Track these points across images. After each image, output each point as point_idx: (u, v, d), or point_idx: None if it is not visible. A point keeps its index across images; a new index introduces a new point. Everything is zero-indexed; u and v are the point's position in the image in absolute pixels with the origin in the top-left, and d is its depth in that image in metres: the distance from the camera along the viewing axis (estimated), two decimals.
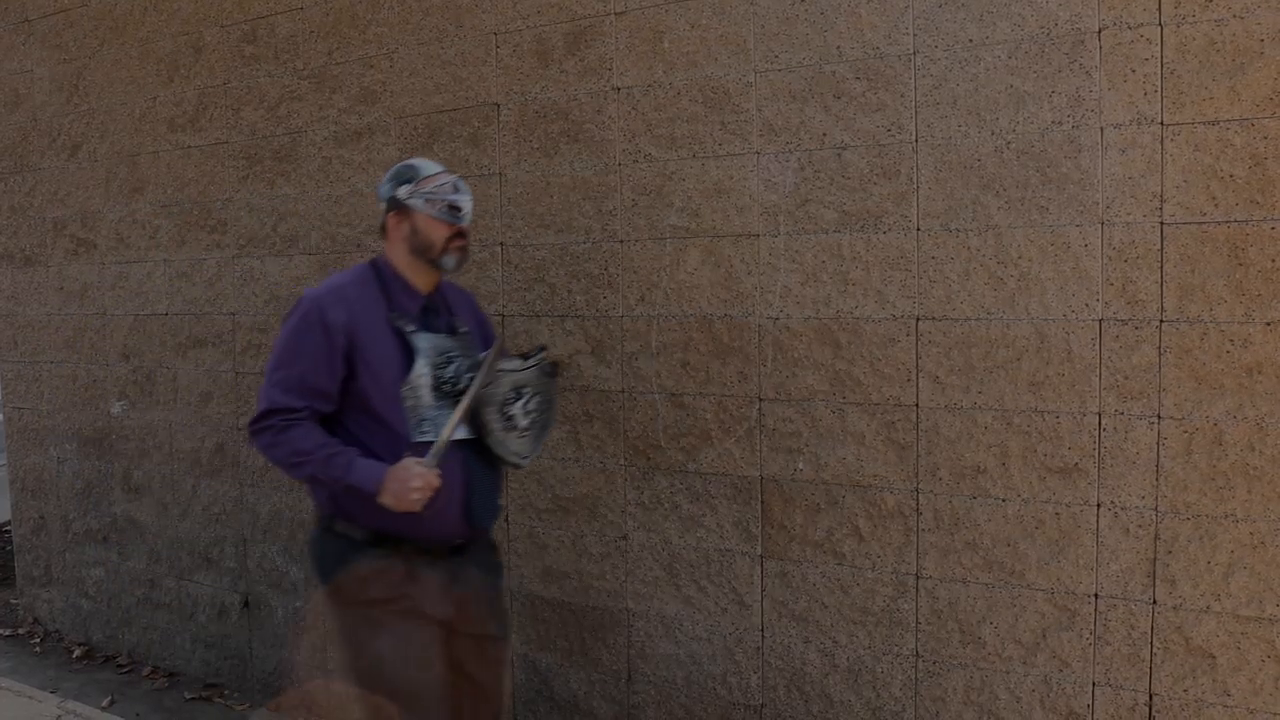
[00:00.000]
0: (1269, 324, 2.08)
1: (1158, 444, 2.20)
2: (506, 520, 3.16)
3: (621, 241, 2.89)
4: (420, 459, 2.17)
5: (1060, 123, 2.27)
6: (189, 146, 3.90)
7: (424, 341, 2.30)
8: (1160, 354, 2.19)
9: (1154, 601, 2.23)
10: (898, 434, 2.50)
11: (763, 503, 2.70)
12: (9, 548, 5.62)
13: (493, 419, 2.32)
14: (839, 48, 2.53)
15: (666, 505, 2.86)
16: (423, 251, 2.33)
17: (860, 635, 2.58)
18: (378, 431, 2.25)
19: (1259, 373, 2.10)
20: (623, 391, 2.91)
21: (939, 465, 2.45)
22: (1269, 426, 2.09)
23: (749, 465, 2.71)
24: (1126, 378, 2.23)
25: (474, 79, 3.14)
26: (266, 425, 2.24)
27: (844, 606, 2.60)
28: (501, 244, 3.12)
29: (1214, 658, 2.17)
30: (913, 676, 2.52)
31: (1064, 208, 2.28)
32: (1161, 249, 2.18)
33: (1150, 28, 2.17)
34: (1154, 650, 2.23)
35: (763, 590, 2.72)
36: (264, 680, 3.86)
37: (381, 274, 2.37)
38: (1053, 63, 2.27)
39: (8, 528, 5.95)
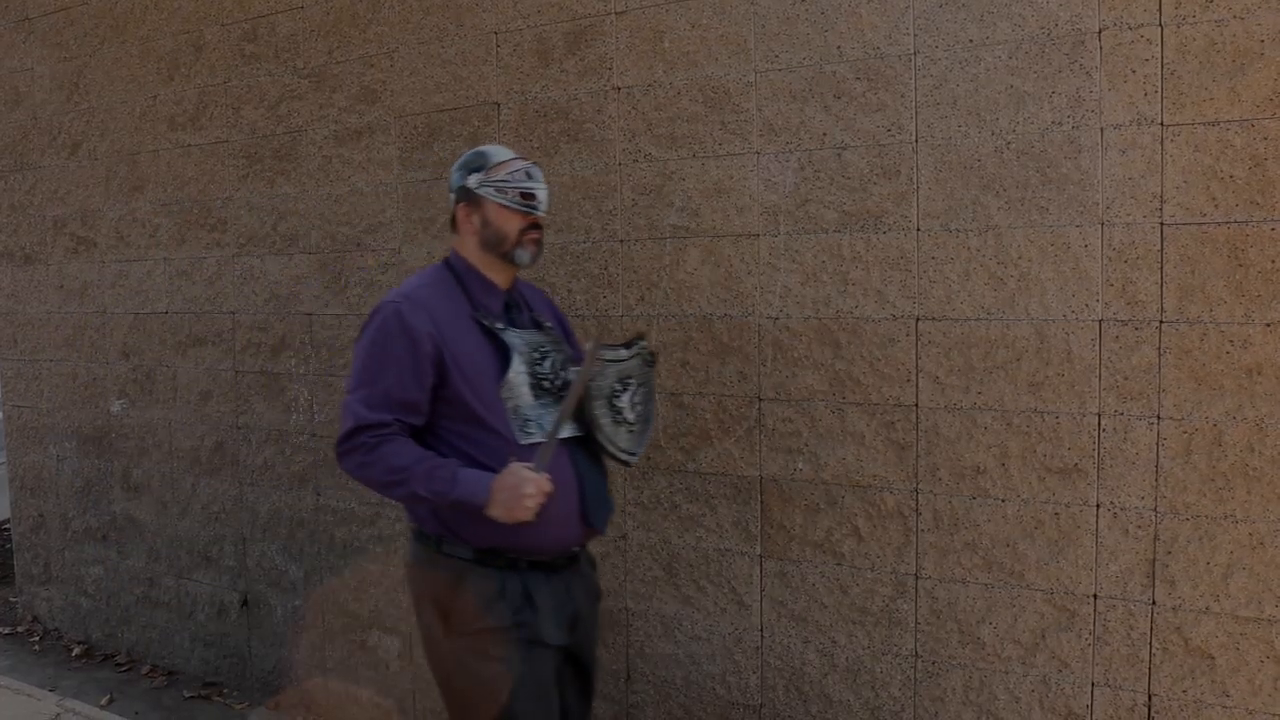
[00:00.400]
0: (1269, 325, 2.08)
1: (1157, 445, 2.20)
2: None
3: (621, 241, 2.89)
4: (527, 464, 2.01)
5: (1060, 123, 2.27)
6: (189, 145, 3.90)
7: (515, 338, 2.16)
8: (1160, 355, 2.19)
9: (1153, 602, 2.23)
10: (897, 434, 2.50)
11: (762, 503, 2.70)
12: (8, 546, 5.62)
13: (601, 413, 2.17)
14: (839, 48, 2.53)
15: (665, 505, 2.86)
16: (495, 245, 2.19)
17: (859, 635, 2.58)
18: (481, 438, 2.09)
19: (1259, 374, 2.10)
20: None
21: (938, 465, 2.45)
22: (1269, 427, 2.09)
23: (748, 465, 2.71)
24: (1126, 378, 2.23)
25: (474, 78, 3.14)
26: (356, 444, 2.06)
27: (843, 606, 2.60)
28: None
29: (1213, 658, 2.17)
30: (912, 676, 2.52)
31: (1064, 208, 2.28)
32: (1161, 250, 2.18)
33: (1150, 28, 2.17)
34: (1153, 651, 2.23)
35: (762, 590, 2.72)
36: (263, 679, 3.86)
37: (457, 272, 2.21)
38: (1053, 63, 2.27)
39: (7, 526, 5.96)
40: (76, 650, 4.40)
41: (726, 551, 2.77)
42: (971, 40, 2.36)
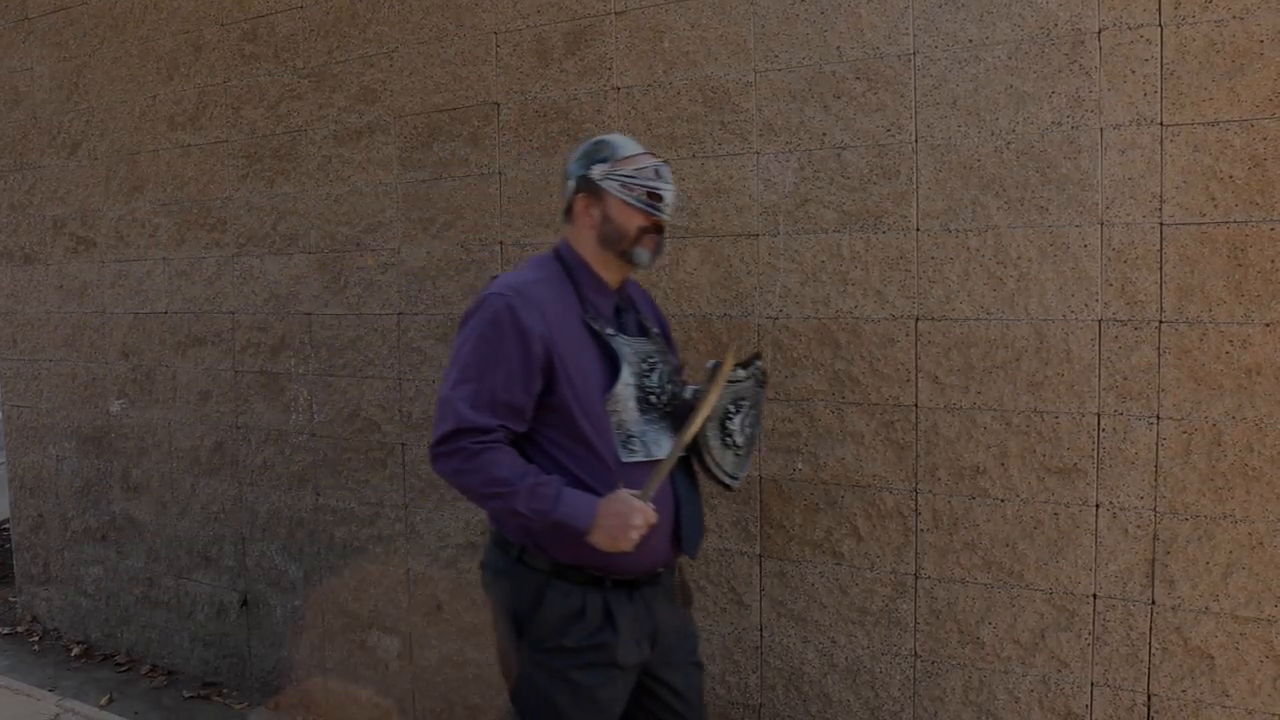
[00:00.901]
0: (1268, 325, 2.08)
1: (1157, 445, 2.20)
2: None
3: None
4: (634, 491, 1.91)
5: (1060, 123, 2.27)
6: (189, 145, 3.90)
7: (625, 346, 2.03)
8: (1159, 355, 2.19)
9: (1152, 602, 2.23)
10: (897, 434, 2.50)
11: (761, 502, 2.70)
12: (8, 546, 5.62)
13: (711, 434, 2.08)
14: (839, 48, 2.53)
15: None
16: (613, 242, 2.05)
17: (859, 635, 2.58)
18: (582, 453, 1.98)
19: (1258, 374, 2.10)
20: None
21: (938, 465, 2.45)
22: (1268, 427, 2.09)
23: None
24: (1126, 378, 2.23)
25: (474, 78, 3.14)
26: (456, 448, 1.93)
27: (842, 606, 2.60)
28: (501, 243, 3.12)
29: (1212, 658, 2.17)
30: (911, 676, 2.52)
31: (1064, 208, 2.28)
32: (1161, 250, 2.18)
33: (1150, 28, 2.17)
34: (1152, 651, 2.23)
35: (761, 590, 2.72)
36: (262, 679, 3.86)
37: (568, 265, 2.08)
38: (1053, 63, 2.27)
39: (6, 526, 5.95)
40: (76, 650, 4.39)
41: (726, 551, 2.77)
42: (971, 40, 2.36)
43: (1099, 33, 2.22)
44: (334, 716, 3.61)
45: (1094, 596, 2.29)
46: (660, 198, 2.05)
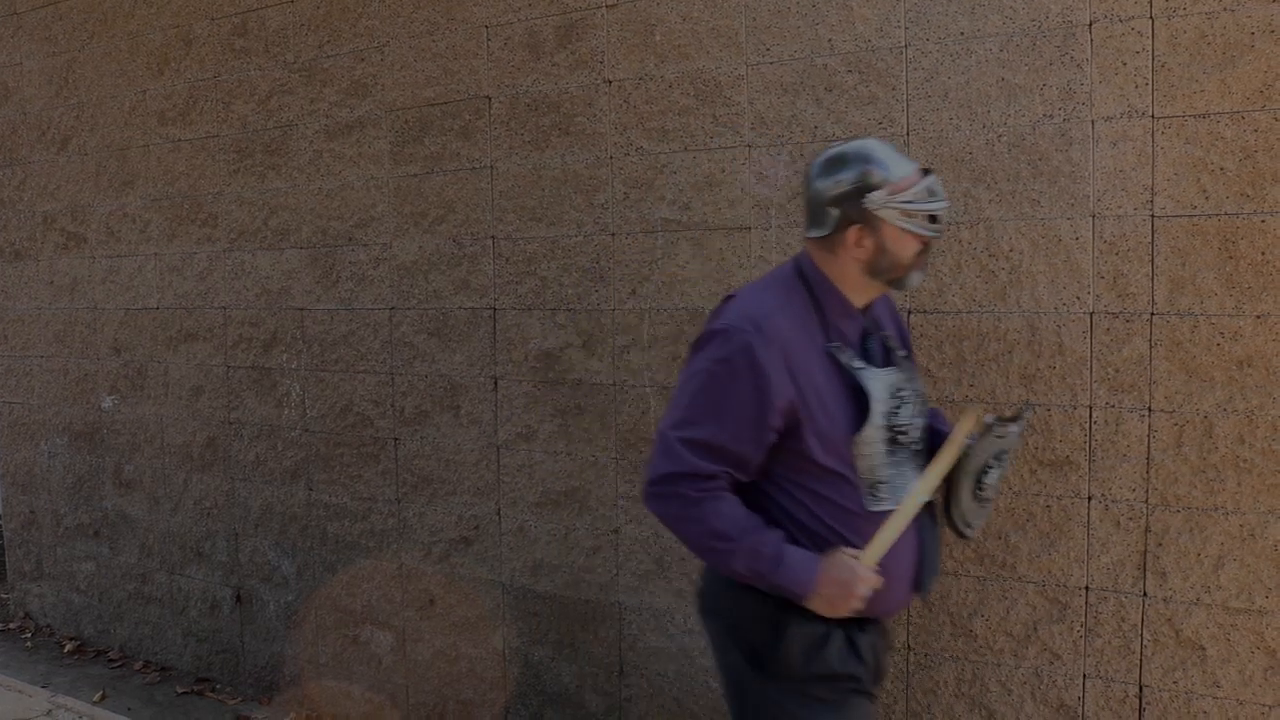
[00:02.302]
0: (1259, 317, 2.08)
1: (1148, 437, 2.21)
2: (498, 514, 3.16)
3: (613, 234, 2.88)
4: (854, 552, 1.77)
5: (1051, 116, 2.27)
6: (179, 140, 3.89)
7: (874, 381, 1.83)
8: (1151, 347, 2.19)
9: (1144, 594, 2.23)
10: None
11: None
12: (0, 542, 5.61)
13: (965, 487, 1.94)
14: (830, 40, 2.52)
15: None
16: (885, 271, 1.84)
17: None
18: (827, 502, 1.82)
19: (1249, 365, 2.10)
20: (613, 385, 2.90)
21: None
22: (1259, 419, 2.10)
23: None
24: (1117, 371, 2.23)
25: (465, 72, 3.13)
26: (674, 493, 1.79)
27: None
28: (493, 237, 3.11)
29: (1204, 650, 2.17)
30: (904, 669, 2.52)
31: (1055, 201, 2.28)
32: (1152, 242, 2.18)
33: (1141, 20, 2.17)
34: (1144, 642, 2.23)
35: None
36: (255, 674, 3.85)
37: (811, 287, 1.87)
38: (1044, 56, 2.27)
39: None
40: (69, 647, 4.39)
41: None
42: (962, 33, 2.36)
43: (1090, 25, 2.22)
44: (327, 711, 3.61)
45: (1086, 589, 2.29)
46: (938, 219, 1.85)
